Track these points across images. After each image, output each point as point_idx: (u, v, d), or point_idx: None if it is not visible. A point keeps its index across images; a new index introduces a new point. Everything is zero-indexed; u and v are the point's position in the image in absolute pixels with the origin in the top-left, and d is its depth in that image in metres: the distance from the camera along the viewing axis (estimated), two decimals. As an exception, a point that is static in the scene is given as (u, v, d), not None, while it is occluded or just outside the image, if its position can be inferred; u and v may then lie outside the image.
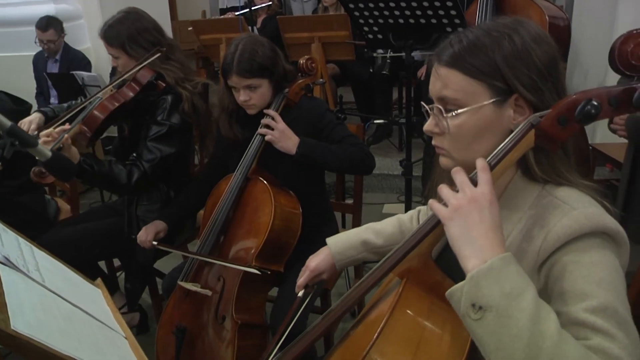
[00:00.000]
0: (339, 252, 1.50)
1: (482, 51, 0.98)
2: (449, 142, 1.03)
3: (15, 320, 0.81)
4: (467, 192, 0.90)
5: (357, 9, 2.47)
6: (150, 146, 2.13)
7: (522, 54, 0.97)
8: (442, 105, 1.02)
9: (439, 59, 1.02)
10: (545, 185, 1.01)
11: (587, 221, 0.92)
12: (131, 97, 2.14)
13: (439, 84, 1.02)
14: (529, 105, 0.98)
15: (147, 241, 2.11)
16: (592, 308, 0.86)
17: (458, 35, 1.02)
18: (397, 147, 4.54)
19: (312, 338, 1.18)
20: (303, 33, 4.13)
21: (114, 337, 1.14)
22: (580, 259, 0.91)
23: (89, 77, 3.59)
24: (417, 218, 1.53)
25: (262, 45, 1.92)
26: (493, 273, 0.84)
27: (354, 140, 2.01)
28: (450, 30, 2.36)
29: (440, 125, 1.03)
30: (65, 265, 1.29)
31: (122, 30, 2.14)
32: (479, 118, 0.99)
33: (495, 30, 0.99)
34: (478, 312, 0.84)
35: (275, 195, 1.88)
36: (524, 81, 0.96)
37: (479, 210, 0.89)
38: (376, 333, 0.95)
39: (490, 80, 0.97)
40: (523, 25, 1.00)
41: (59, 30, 4.39)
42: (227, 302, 1.88)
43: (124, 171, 2.07)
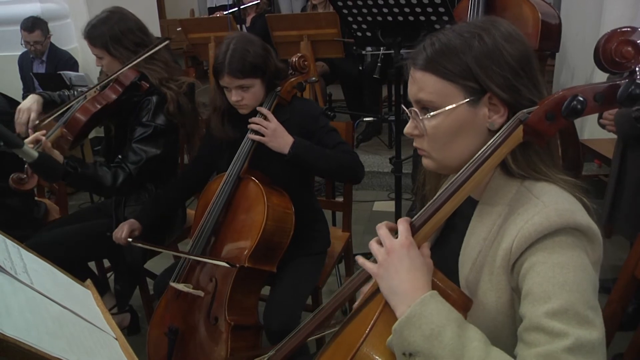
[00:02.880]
0: None
1: (453, 53, 1.00)
2: (428, 144, 1.06)
3: (3, 323, 0.80)
4: (387, 245, 0.99)
5: (345, 6, 2.47)
6: (135, 148, 2.11)
7: (492, 53, 0.98)
8: (419, 107, 1.05)
9: (414, 63, 1.05)
10: (524, 181, 1.02)
11: (558, 218, 0.92)
12: (114, 99, 2.12)
13: (415, 87, 1.05)
14: (502, 103, 1.00)
15: (122, 238, 2.09)
16: (553, 311, 0.87)
17: (430, 38, 1.04)
18: (386, 145, 4.55)
19: (303, 335, 1.19)
20: (292, 31, 4.12)
21: (104, 338, 1.13)
22: (547, 260, 0.92)
23: (77, 77, 3.57)
24: None
25: (254, 44, 1.90)
26: (412, 320, 0.90)
27: (347, 147, 2.00)
28: (438, 27, 2.36)
29: (419, 127, 1.06)
30: (54, 266, 1.28)
31: (105, 31, 2.11)
32: (454, 119, 1.01)
33: (466, 31, 1.01)
34: (409, 358, 0.90)
35: (267, 195, 1.88)
36: (496, 80, 0.98)
37: (399, 259, 0.96)
38: (368, 328, 0.96)
39: (463, 81, 0.99)
40: (495, 24, 1.02)
41: (45, 31, 4.36)
42: (219, 303, 1.87)
43: (109, 173, 2.04)
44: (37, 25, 4.30)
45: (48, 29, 4.40)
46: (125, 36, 2.13)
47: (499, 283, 0.99)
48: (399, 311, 0.93)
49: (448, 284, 0.99)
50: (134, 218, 2.16)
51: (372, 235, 1.06)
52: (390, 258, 0.97)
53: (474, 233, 1.06)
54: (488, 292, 1.00)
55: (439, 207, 0.99)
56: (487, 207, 1.05)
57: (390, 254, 0.97)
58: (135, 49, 2.15)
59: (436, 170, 1.12)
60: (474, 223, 1.07)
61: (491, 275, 1.00)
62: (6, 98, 2.39)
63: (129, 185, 2.11)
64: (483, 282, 1.01)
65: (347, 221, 2.39)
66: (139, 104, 2.15)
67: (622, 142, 2.35)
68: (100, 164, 2.08)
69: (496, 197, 1.04)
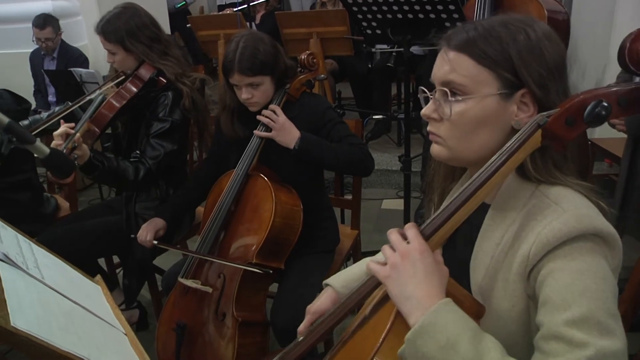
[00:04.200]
0: (344, 286, 1.39)
1: (497, 40, 0.96)
2: (447, 130, 1.01)
3: (15, 317, 0.81)
4: (400, 249, 0.93)
5: (355, 4, 2.47)
6: (153, 143, 2.13)
7: (535, 49, 0.95)
8: (445, 89, 0.99)
9: (448, 42, 1.00)
10: (539, 185, 0.98)
11: (577, 224, 0.90)
12: (135, 93, 2.14)
13: (446, 67, 0.99)
14: (534, 102, 0.96)
15: (148, 240, 2.10)
16: (573, 320, 0.85)
17: (472, 23, 1.00)
18: (395, 143, 4.54)
19: (313, 339, 1.15)
20: (301, 29, 4.12)
21: (114, 334, 1.14)
22: (566, 267, 0.89)
23: (87, 74, 3.59)
24: None
25: (263, 42, 1.90)
26: (426, 329, 0.86)
27: (355, 140, 1.99)
28: (449, 25, 2.35)
29: (440, 110, 1.01)
30: (65, 262, 1.29)
31: (120, 26, 2.12)
32: (483, 108, 0.97)
33: (511, 23, 0.98)
34: None
35: (276, 192, 1.88)
36: (534, 76, 0.95)
37: (412, 264, 0.91)
38: (381, 337, 0.93)
39: (501, 71, 0.96)
40: (536, 22, 0.99)
41: (56, 28, 4.39)
42: (227, 300, 1.88)
43: (131, 167, 2.07)
44: (49, 22, 4.33)
45: (59, 26, 4.43)
46: (141, 31, 2.14)
47: (514, 291, 0.96)
48: (412, 319, 0.89)
49: (460, 291, 0.96)
50: (157, 216, 2.16)
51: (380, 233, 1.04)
52: (404, 262, 0.92)
53: (486, 238, 1.02)
54: (502, 299, 0.97)
55: (452, 214, 0.94)
56: (501, 212, 1.01)
57: (404, 258, 0.92)
58: (150, 44, 2.16)
59: (446, 161, 1.07)
60: (486, 227, 1.03)
61: (506, 282, 0.97)
62: (12, 95, 2.40)
63: (149, 180, 2.13)
64: (497, 289, 0.98)
65: (356, 219, 2.39)
66: (155, 100, 2.17)
67: (632, 142, 2.33)
68: (121, 159, 2.09)
69: (510, 201, 1.00)
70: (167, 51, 2.20)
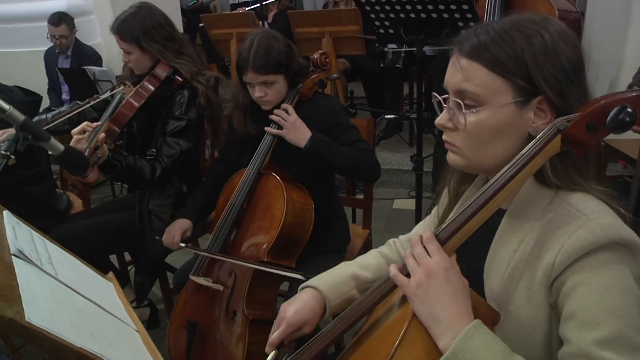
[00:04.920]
0: (331, 290, 1.27)
1: (510, 45, 0.92)
2: (462, 140, 0.98)
3: (30, 312, 0.81)
4: (424, 265, 0.92)
5: (368, 3, 2.46)
6: (169, 141, 2.13)
7: (551, 53, 0.91)
8: (459, 98, 0.96)
9: (460, 48, 0.96)
10: (558, 190, 0.96)
11: (603, 232, 0.88)
12: (152, 92, 2.15)
13: (459, 75, 0.96)
14: (552, 109, 0.93)
15: (175, 243, 2.07)
16: (604, 339, 0.84)
17: (484, 26, 0.96)
18: (407, 142, 4.53)
19: (325, 342, 1.12)
20: (314, 28, 4.12)
21: (126, 330, 1.14)
22: (593, 281, 0.87)
23: (100, 72, 3.61)
24: (396, 247, 1.43)
25: (277, 40, 1.91)
26: (458, 357, 0.85)
27: (365, 145, 1.99)
28: (462, 24, 2.34)
29: (454, 120, 0.98)
30: (77, 258, 1.29)
31: (135, 25, 2.13)
32: (498, 118, 0.94)
33: (524, 25, 0.93)
34: None
35: (287, 191, 1.88)
36: (551, 82, 0.91)
37: (438, 284, 0.90)
38: (395, 343, 0.91)
39: (515, 79, 0.92)
40: (552, 22, 0.94)
41: (70, 26, 4.43)
42: (238, 297, 1.88)
43: (147, 166, 2.07)
44: (64, 20, 4.37)
45: (74, 24, 4.47)
46: (156, 30, 2.15)
47: (537, 300, 0.94)
48: (442, 342, 0.88)
49: (476, 297, 0.94)
50: (182, 217, 2.15)
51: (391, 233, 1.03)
52: (430, 282, 0.90)
53: (503, 244, 1.00)
54: (523, 307, 0.96)
55: (468, 219, 0.92)
56: (517, 218, 0.99)
57: (430, 277, 0.90)
58: (165, 43, 2.17)
59: (463, 169, 1.05)
60: (502, 233, 1.01)
61: (529, 290, 0.95)
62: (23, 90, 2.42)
63: (165, 178, 2.14)
64: (518, 297, 0.96)
65: (367, 218, 2.38)
66: (171, 98, 2.18)
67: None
68: (138, 157, 2.10)
69: (527, 206, 0.98)
70: (181, 50, 2.21)
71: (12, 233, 1.06)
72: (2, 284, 0.84)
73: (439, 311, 0.89)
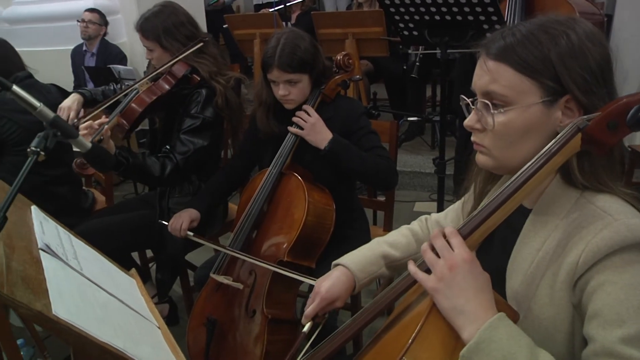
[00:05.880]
0: (361, 270, 1.36)
1: (537, 46, 0.93)
2: (491, 140, 0.99)
3: (56, 306, 0.83)
4: (447, 259, 0.92)
5: (393, 5, 2.45)
6: (183, 139, 2.15)
7: (578, 53, 0.91)
8: (487, 100, 0.97)
9: (487, 50, 0.98)
10: (584, 191, 0.96)
11: (629, 233, 0.87)
12: (167, 90, 2.17)
13: (486, 77, 0.97)
14: (579, 107, 0.93)
15: (182, 229, 2.09)
16: (630, 337, 0.84)
17: (510, 29, 0.97)
18: (429, 145, 4.51)
19: (342, 340, 1.15)
20: (337, 29, 4.12)
21: (148, 327, 1.15)
22: (617, 279, 0.87)
23: (125, 71, 3.66)
24: (427, 226, 1.47)
25: (304, 39, 1.92)
26: (482, 346, 0.85)
27: (384, 152, 1.98)
28: (487, 27, 2.32)
29: (483, 121, 0.99)
30: (101, 254, 1.31)
31: (158, 24, 2.17)
32: (526, 118, 0.94)
33: (550, 26, 0.94)
34: None
35: (308, 191, 1.89)
36: (578, 82, 0.91)
37: (462, 277, 0.90)
38: (411, 338, 0.92)
39: (543, 79, 0.92)
40: (578, 22, 0.95)
41: (102, 20, 4.54)
42: (258, 296, 1.89)
43: (157, 164, 2.09)
44: (98, 11, 4.52)
45: (106, 21, 4.59)
46: (177, 29, 2.18)
47: (560, 299, 0.94)
48: (465, 333, 0.88)
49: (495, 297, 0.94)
50: (192, 207, 2.16)
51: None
52: (453, 274, 0.90)
53: (526, 243, 1.01)
54: (546, 307, 0.96)
55: (489, 215, 0.93)
56: (542, 217, 0.99)
57: (453, 269, 0.91)
58: (186, 42, 2.20)
59: (492, 170, 1.05)
60: (526, 232, 1.01)
61: (552, 289, 0.95)
62: (59, 89, 2.47)
63: (176, 176, 2.15)
64: (540, 296, 0.96)
65: (388, 220, 2.37)
66: (188, 96, 2.20)
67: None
68: (148, 155, 2.13)
69: (553, 206, 0.98)
70: (203, 49, 2.23)
71: (39, 228, 1.08)
72: (30, 278, 0.86)
73: (463, 303, 0.89)
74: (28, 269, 0.89)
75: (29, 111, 1.04)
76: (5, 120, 2.26)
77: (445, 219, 1.44)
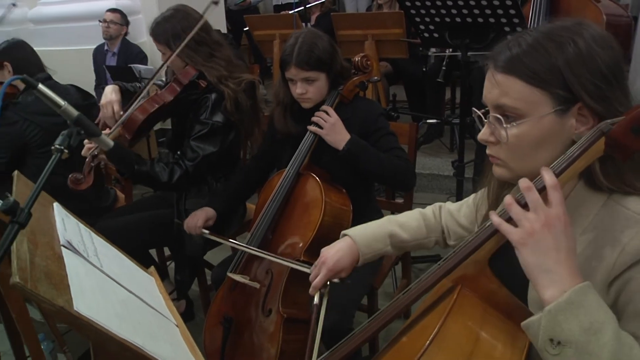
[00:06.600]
0: (367, 246, 1.41)
1: (543, 55, 0.91)
2: (506, 152, 0.99)
3: (78, 302, 0.84)
4: (541, 215, 0.86)
5: (413, 6, 2.45)
6: (192, 145, 2.15)
7: (586, 59, 0.90)
8: (499, 113, 0.97)
9: (495, 63, 0.97)
10: (611, 194, 0.95)
11: None
12: (170, 99, 2.15)
13: (496, 91, 0.96)
14: (593, 114, 0.92)
15: (197, 227, 2.11)
16: None
17: (516, 38, 0.96)
18: (448, 148, 4.48)
19: (359, 341, 1.15)
20: (356, 30, 4.12)
21: (166, 324, 1.16)
22: None
23: (146, 70, 3.70)
24: (440, 214, 1.49)
25: (322, 39, 1.93)
26: (571, 307, 0.82)
27: (402, 154, 1.98)
28: (508, 29, 2.31)
29: (496, 134, 0.98)
30: (121, 251, 1.33)
31: (167, 28, 2.17)
32: (540, 129, 0.94)
33: (556, 33, 0.93)
34: (557, 347, 0.82)
35: (326, 192, 1.89)
36: (589, 89, 0.90)
37: (555, 236, 0.85)
38: (428, 340, 0.92)
39: (552, 88, 0.91)
40: (585, 27, 0.94)
41: (124, 18, 4.60)
42: (274, 296, 1.90)
43: (165, 171, 2.10)
44: (119, 11, 4.58)
45: (127, 21, 4.64)
46: (186, 34, 2.14)
47: None
48: (548, 292, 0.84)
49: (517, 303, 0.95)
50: (208, 206, 2.18)
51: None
52: (545, 231, 0.85)
53: None
54: None
55: None
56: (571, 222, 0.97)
57: (547, 227, 0.85)
58: (195, 47, 2.17)
59: (510, 181, 1.04)
60: None
61: None
62: (79, 90, 2.50)
63: (185, 182, 2.15)
64: None
65: (406, 223, 2.36)
66: (197, 102, 2.19)
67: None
68: (157, 161, 2.12)
69: (580, 209, 0.97)
70: (213, 53, 2.20)
71: (61, 225, 1.09)
72: (53, 273, 0.87)
73: (552, 263, 0.85)
74: (51, 264, 0.90)
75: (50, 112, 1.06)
76: (27, 124, 2.29)
77: (458, 212, 1.45)
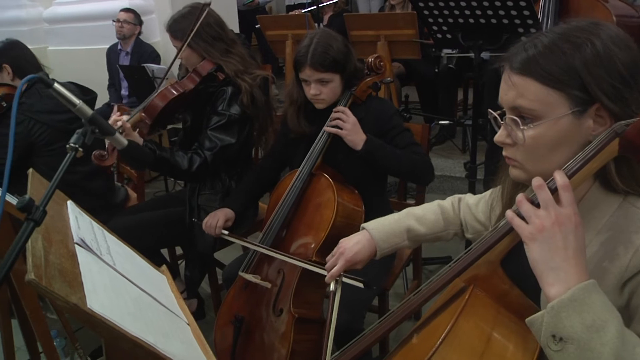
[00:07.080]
0: (384, 240, 1.43)
1: (560, 57, 0.90)
2: (523, 154, 0.98)
3: (91, 299, 0.84)
4: (551, 212, 0.86)
5: (426, 7, 2.44)
6: (210, 135, 2.19)
7: (604, 59, 0.89)
8: (515, 114, 0.96)
9: (511, 64, 0.96)
10: (626, 196, 0.94)
11: None
12: (191, 88, 2.21)
13: (512, 92, 0.95)
14: (610, 115, 0.91)
15: (217, 227, 2.12)
16: None
17: (532, 40, 0.95)
18: (460, 149, 4.46)
19: (370, 341, 1.16)
20: (369, 31, 4.10)
21: (178, 323, 1.17)
22: None
23: (159, 69, 3.71)
24: (459, 207, 1.50)
25: (337, 40, 1.94)
26: (574, 304, 0.82)
27: (419, 149, 1.99)
28: (522, 30, 2.29)
29: (513, 136, 0.97)
30: (133, 250, 1.33)
31: (185, 25, 2.21)
32: (557, 130, 0.92)
33: (573, 34, 0.92)
34: (558, 343, 0.82)
35: (338, 192, 1.89)
36: (607, 90, 0.89)
37: (564, 235, 0.86)
38: (439, 340, 0.92)
39: (569, 89, 0.90)
40: (602, 27, 0.92)
41: (137, 18, 4.64)
42: (285, 295, 1.90)
43: (185, 158, 2.14)
44: (133, 11, 4.62)
45: (141, 20, 4.68)
46: (204, 30, 2.21)
47: None
48: (553, 289, 0.85)
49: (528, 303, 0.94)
50: (226, 207, 2.19)
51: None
52: (555, 229, 0.85)
53: None
54: None
55: None
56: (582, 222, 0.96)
57: (557, 224, 0.86)
58: (212, 42, 2.23)
59: (526, 182, 1.03)
60: None
61: None
62: (78, 87, 2.51)
63: (204, 171, 2.19)
64: None
65: (417, 224, 2.36)
66: (215, 94, 2.24)
67: None
68: (177, 149, 2.17)
69: (593, 211, 0.96)
70: (229, 49, 2.27)
71: (75, 222, 1.10)
72: (67, 271, 0.88)
73: (559, 261, 0.85)
74: (64, 262, 0.91)
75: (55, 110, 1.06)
76: (33, 123, 2.30)
77: (476, 207, 1.45)
